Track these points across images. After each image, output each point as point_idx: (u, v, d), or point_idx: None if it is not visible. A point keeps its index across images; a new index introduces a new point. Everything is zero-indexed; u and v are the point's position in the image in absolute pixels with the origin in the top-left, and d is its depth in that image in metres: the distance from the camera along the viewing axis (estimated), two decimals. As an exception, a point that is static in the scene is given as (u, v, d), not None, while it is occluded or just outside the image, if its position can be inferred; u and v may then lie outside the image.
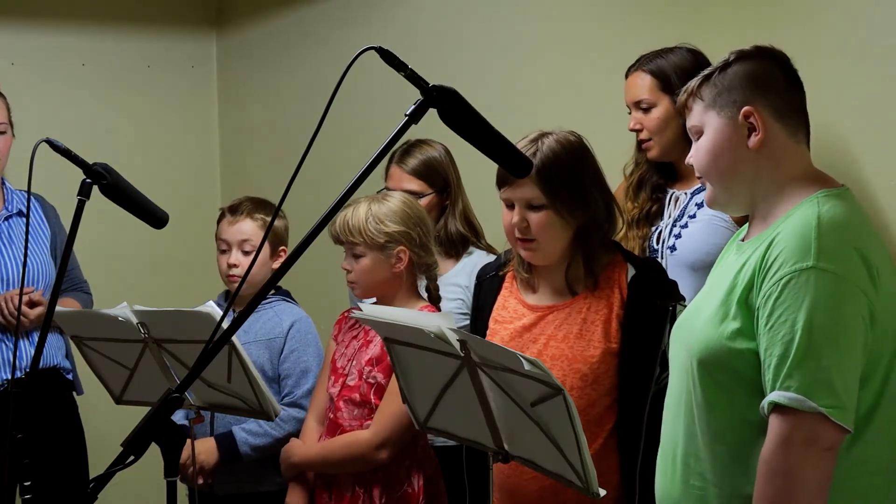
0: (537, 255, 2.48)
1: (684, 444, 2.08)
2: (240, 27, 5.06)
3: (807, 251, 1.90)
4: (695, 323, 2.07)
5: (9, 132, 3.62)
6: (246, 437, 3.11)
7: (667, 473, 2.13)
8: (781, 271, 1.90)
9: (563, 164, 2.41)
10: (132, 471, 1.90)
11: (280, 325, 3.21)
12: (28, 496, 2.70)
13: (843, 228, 1.94)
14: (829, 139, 2.51)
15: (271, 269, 3.22)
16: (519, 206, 2.44)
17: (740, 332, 1.96)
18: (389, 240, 2.79)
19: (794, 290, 1.88)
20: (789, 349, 1.88)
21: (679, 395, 2.10)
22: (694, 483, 2.06)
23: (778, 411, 1.89)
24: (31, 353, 3.49)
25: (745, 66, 2.05)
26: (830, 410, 1.86)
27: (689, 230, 2.77)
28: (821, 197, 1.99)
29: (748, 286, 1.96)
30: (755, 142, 2.02)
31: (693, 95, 2.09)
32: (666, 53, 2.81)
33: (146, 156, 4.92)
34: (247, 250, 3.23)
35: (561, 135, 2.45)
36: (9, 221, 3.62)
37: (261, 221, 3.24)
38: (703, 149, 2.08)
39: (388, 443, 2.76)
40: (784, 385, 1.88)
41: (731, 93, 2.04)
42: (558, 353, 2.44)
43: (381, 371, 2.79)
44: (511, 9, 3.61)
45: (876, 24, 2.49)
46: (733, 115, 2.03)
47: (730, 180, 2.07)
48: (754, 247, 2.01)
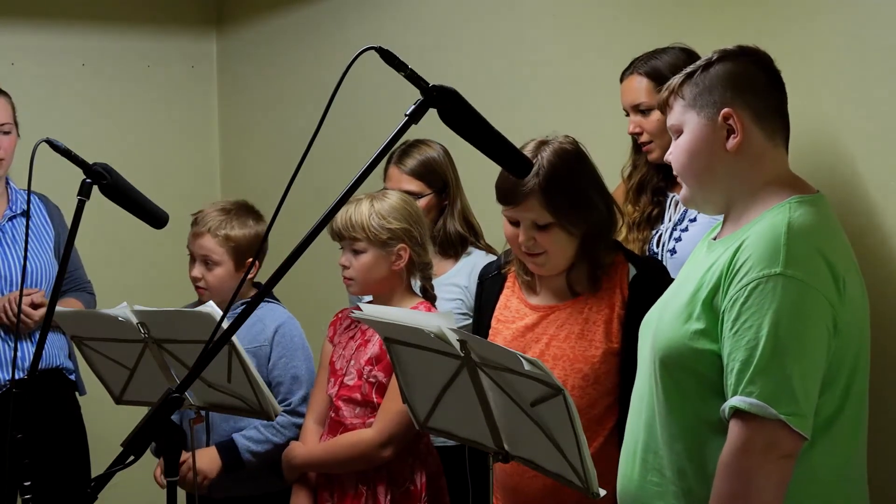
0: (546, 267, 2.49)
1: (644, 440, 2.09)
2: (240, 27, 5.06)
3: (775, 257, 1.90)
4: (660, 321, 2.08)
5: (14, 132, 3.63)
6: (247, 445, 3.09)
7: (627, 468, 2.14)
8: (749, 276, 1.91)
9: (564, 178, 2.41)
10: (132, 471, 1.91)
11: (264, 331, 3.14)
12: (28, 496, 2.70)
13: (812, 236, 1.94)
14: (824, 139, 2.51)
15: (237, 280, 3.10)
16: (525, 226, 2.44)
17: (703, 333, 1.97)
18: (392, 236, 2.79)
19: (761, 296, 1.89)
20: (753, 355, 1.88)
21: (642, 391, 2.11)
22: (652, 479, 2.07)
23: (739, 416, 1.90)
24: (32, 353, 3.49)
25: (726, 66, 2.05)
26: (790, 418, 1.86)
27: (689, 234, 2.77)
28: (793, 203, 1.99)
29: (714, 288, 1.97)
30: (733, 144, 2.02)
31: (674, 93, 2.09)
32: (660, 54, 2.81)
33: (146, 156, 4.92)
34: (208, 264, 3.13)
35: (556, 145, 2.44)
36: (13, 222, 3.63)
37: (222, 237, 3.12)
38: (681, 148, 2.08)
39: (392, 441, 2.76)
40: (746, 391, 1.88)
41: (712, 93, 2.04)
42: (560, 352, 2.44)
43: (382, 370, 2.79)
44: (511, 9, 3.61)
45: (873, 24, 2.48)
46: (712, 115, 2.03)
47: (706, 181, 2.07)
48: (724, 247, 2.01)
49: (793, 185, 2.05)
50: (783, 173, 2.07)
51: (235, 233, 3.14)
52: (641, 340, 2.18)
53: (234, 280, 3.12)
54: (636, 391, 2.16)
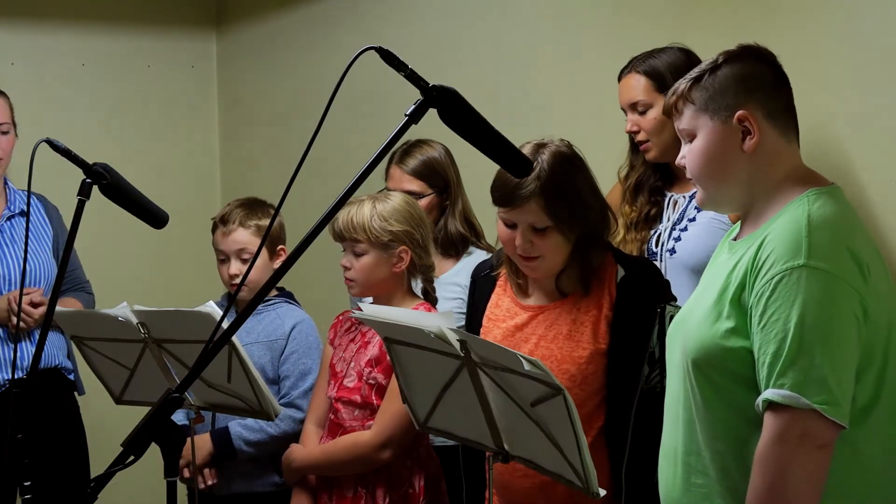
0: (540, 271, 2.49)
1: (685, 443, 2.08)
2: (240, 27, 5.06)
3: (798, 249, 1.91)
4: (689, 323, 2.08)
5: (12, 132, 3.63)
6: (241, 432, 3.11)
7: (669, 474, 2.13)
8: (773, 270, 1.92)
9: (562, 182, 2.41)
10: (132, 471, 1.91)
11: (282, 326, 3.21)
12: (28, 496, 2.70)
13: (833, 226, 1.95)
14: (823, 138, 2.52)
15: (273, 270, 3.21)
16: (522, 229, 2.44)
17: (734, 331, 1.97)
18: (393, 238, 2.79)
19: (786, 289, 1.90)
20: (782, 347, 1.89)
21: (677, 395, 2.11)
22: (696, 482, 2.06)
23: (772, 409, 1.91)
24: (32, 353, 3.49)
25: (734, 67, 2.05)
26: (824, 407, 1.87)
27: (688, 233, 2.77)
28: (810, 195, 2.00)
29: (741, 285, 1.98)
30: (751, 145, 2.03)
31: (683, 98, 2.09)
32: (658, 53, 2.81)
33: (146, 156, 4.92)
34: (245, 258, 3.21)
35: (554, 148, 2.45)
36: (11, 221, 3.63)
37: (254, 227, 3.21)
38: (696, 152, 2.08)
39: (391, 443, 2.75)
40: (778, 383, 1.89)
41: (724, 96, 2.04)
42: (548, 353, 2.45)
43: (382, 371, 2.79)
44: (510, 9, 3.61)
45: (872, 24, 2.49)
46: (727, 118, 2.04)
47: (724, 183, 2.08)
48: (746, 246, 2.02)
49: (809, 179, 2.06)
50: (799, 168, 2.08)
51: (264, 222, 3.21)
52: (669, 346, 2.17)
53: (269, 270, 3.20)
54: (669, 397, 2.15)
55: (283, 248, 3.28)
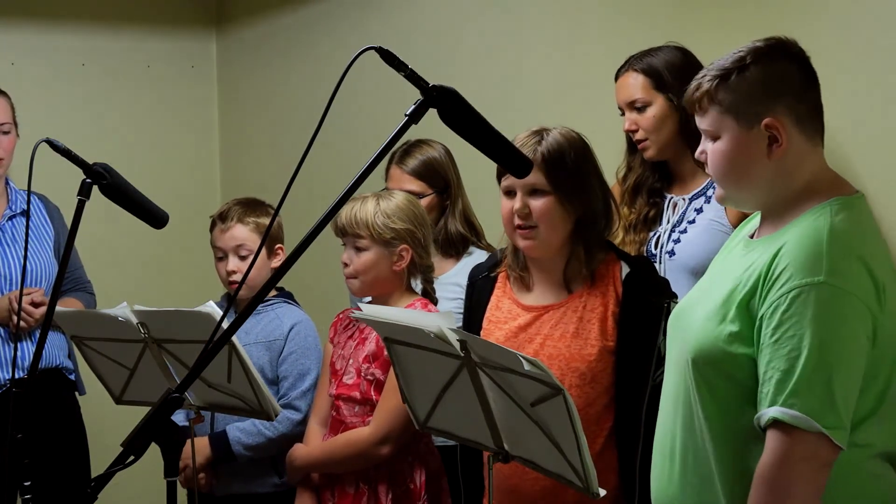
0: (536, 244, 2.47)
1: (682, 439, 2.05)
2: (240, 27, 5.06)
3: (817, 265, 1.87)
4: (691, 317, 2.05)
5: (13, 132, 3.63)
6: (239, 436, 3.10)
7: (664, 469, 2.10)
8: (790, 283, 1.88)
9: (567, 153, 2.44)
10: (132, 471, 1.90)
11: (281, 326, 3.21)
12: (28, 496, 2.70)
13: (854, 242, 1.91)
14: (827, 139, 2.51)
15: (271, 269, 3.22)
16: (521, 193, 2.44)
17: (738, 337, 1.94)
18: (395, 236, 2.79)
19: (803, 306, 1.86)
20: (794, 366, 1.85)
21: (676, 389, 2.07)
22: (693, 479, 2.04)
23: (778, 427, 1.88)
24: (33, 352, 3.49)
25: (762, 68, 1.98)
26: (832, 431, 1.85)
27: (688, 235, 2.76)
28: (834, 206, 1.95)
29: (752, 290, 1.94)
30: (778, 153, 1.98)
31: (708, 97, 2.01)
32: (655, 52, 2.80)
33: (146, 156, 4.92)
34: (243, 255, 3.20)
35: (564, 129, 2.48)
36: (12, 221, 3.63)
37: (252, 224, 3.21)
38: (719, 154, 2.02)
39: (389, 438, 2.75)
40: (788, 402, 1.86)
41: (751, 101, 1.97)
42: (555, 352, 2.44)
43: (379, 367, 2.79)
44: (510, 9, 3.61)
45: (872, 24, 2.49)
46: (753, 124, 1.97)
47: (746, 184, 2.03)
48: (763, 248, 1.98)
49: (833, 185, 2.01)
50: (823, 173, 2.03)
51: (263, 220, 3.22)
52: (670, 339, 2.14)
53: (267, 269, 3.21)
54: (667, 390, 2.13)
55: (281, 247, 3.27)
